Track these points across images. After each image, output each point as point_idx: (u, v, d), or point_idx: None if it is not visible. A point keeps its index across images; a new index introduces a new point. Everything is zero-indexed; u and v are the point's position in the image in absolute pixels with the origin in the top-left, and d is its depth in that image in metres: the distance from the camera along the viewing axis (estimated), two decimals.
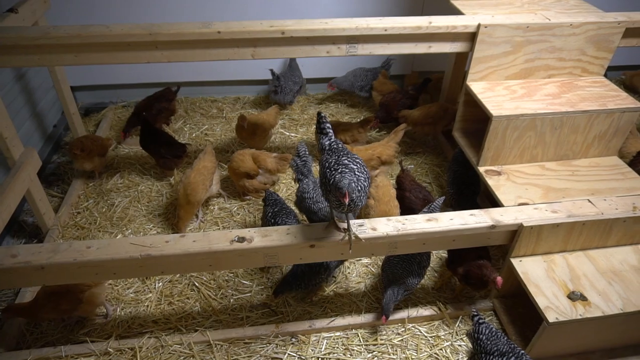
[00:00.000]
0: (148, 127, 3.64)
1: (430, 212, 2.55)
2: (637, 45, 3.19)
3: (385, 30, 2.84)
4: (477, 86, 3.05)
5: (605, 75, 3.24)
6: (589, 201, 2.57)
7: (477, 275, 2.55)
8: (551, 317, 2.24)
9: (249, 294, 2.87)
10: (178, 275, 2.97)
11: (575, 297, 2.34)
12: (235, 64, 4.13)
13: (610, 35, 3.03)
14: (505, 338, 2.18)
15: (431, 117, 3.85)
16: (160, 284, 2.92)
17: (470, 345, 2.61)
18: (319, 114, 2.31)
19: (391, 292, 2.54)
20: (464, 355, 2.56)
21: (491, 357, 2.08)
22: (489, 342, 2.13)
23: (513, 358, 2.04)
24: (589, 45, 3.05)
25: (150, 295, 2.85)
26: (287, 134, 4.31)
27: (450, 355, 2.56)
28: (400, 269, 2.57)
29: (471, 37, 2.96)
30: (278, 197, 3.02)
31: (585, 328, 2.32)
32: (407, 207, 3.04)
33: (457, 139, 3.32)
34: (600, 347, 2.52)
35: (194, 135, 4.26)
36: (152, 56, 2.80)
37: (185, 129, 4.33)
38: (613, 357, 2.49)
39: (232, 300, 2.84)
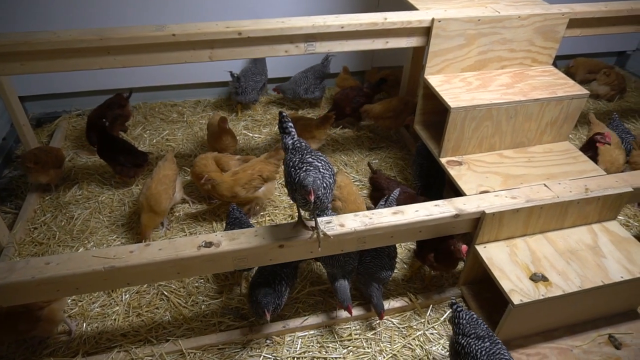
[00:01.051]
0: (106, 136, 3.52)
1: (388, 207, 2.61)
2: (580, 35, 3.35)
3: (342, 27, 2.86)
4: (435, 79, 3.12)
5: (554, 65, 3.38)
6: (545, 186, 2.68)
7: (445, 250, 2.62)
8: (516, 299, 2.32)
9: (220, 299, 2.84)
10: (145, 286, 2.89)
11: (537, 278, 2.44)
12: (194, 67, 4.05)
13: (556, 25, 3.16)
14: (485, 325, 2.23)
15: (392, 111, 3.91)
16: (127, 295, 2.84)
17: (445, 333, 2.68)
18: (280, 113, 2.30)
19: (376, 289, 2.58)
20: (437, 343, 2.62)
21: (468, 338, 2.14)
22: (468, 326, 2.19)
23: (488, 342, 2.09)
24: (537, 36, 3.18)
25: (117, 308, 2.77)
26: (251, 135, 4.28)
27: (423, 343, 2.61)
28: (374, 266, 2.59)
29: (426, 32, 3.02)
30: (240, 216, 2.87)
31: (547, 307, 2.42)
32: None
33: (419, 132, 3.39)
34: (563, 324, 2.63)
35: (154, 141, 4.16)
36: (105, 62, 2.71)
37: (145, 135, 4.22)
38: (574, 332, 2.61)
39: (203, 306, 2.80)
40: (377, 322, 2.71)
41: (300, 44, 2.89)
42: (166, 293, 2.85)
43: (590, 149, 3.28)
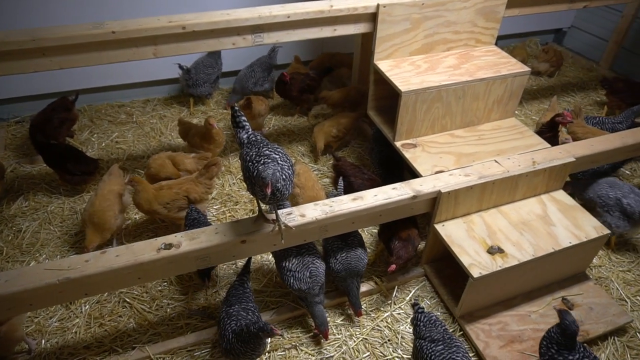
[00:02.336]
0: (51, 143, 3.35)
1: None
2: (519, 14, 3.47)
3: (289, 17, 2.83)
4: (384, 64, 3.16)
5: (496, 44, 3.49)
6: (496, 162, 2.78)
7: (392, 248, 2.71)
8: (475, 272, 2.42)
9: (185, 301, 2.78)
10: (106, 294, 2.80)
11: (493, 251, 2.54)
12: (140, 64, 3.91)
13: (496, 7, 3.26)
14: (443, 327, 2.26)
15: (351, 100, 3.93)
16: (87, 306, 2.74)
17: (412, 312, 2.75)
18: (232, 108, 2.27)
19: (355, 286, 2.58)
20: (404, 322, 2.69)
21: (423, 342, 2.20)
22: (424, 329, 2.24)
23: (441, 345, 2.14)
24: (479, 17, 3.27)
25: (78, 320, 2.67)
26: None
27: (391, 324, 2.67)
28: (355, 261, 2.57)
29: (372, 18, 3.05)
30: (198, 216, 2.80)
31: (505, 277, 2.53)
32: (356, 191, 3.08)
33: (373, 118, 3.43)
34: (520, 292, 2.76)
35: (103, 144, 4.00)
36: (40, 64, 2.57)
37: (93, 139, 4.05)
38: (531, 299, 2.75)
39: (168, 309, 2.74)
40: (357, 319, 2.70)
41: (247, 36, 2.84)
42: (128, 300, 2.77)
43: (551, 130, 3.40)
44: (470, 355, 2.52)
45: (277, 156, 2.03)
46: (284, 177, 1.97)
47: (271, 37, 2.90)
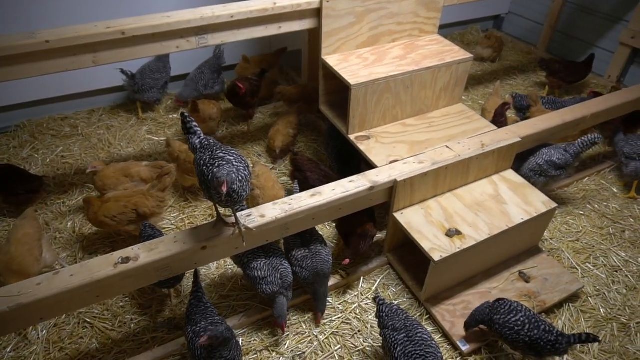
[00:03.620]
0: None
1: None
2: (458, 3, 3.58)
3: (232, 16, 2.79)
4: (332, 59, 3.17)
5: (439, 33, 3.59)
6: (447, 147, 2.86)
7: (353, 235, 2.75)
8: (436, 256, 2.48)
9: (150, 314, 2.71)
10: (64, 317, 2.67)
11: (452, 233, 2.62)
12: (81, 74, 3.75)
13: None
14: (405, 315, 2.28)
15: (307, 96, 3.91)
16: (45, 331, 2.61)
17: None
18: (182, 114, 2.22)
19: (320, 288, 2.57)
20: (371, 312, 2.72)
21: (387, 331, 2.24)
22: (387, 318, 2.27)
23: (404, 333, 2.18)
24: (420, 8, 3.34)
25: (35, 347, 2.53)
26: (156, 139, 4.07)
27: (360, 315, 2.71)
28: (321, 264, 2.54)
29: (317, 13, 3.05)
30: (153, 233, 2.66)
31: (465, 258, 2.61)
32: (312, 187, 3.08)
33: (325, 113, 3.44)
34: (480, 271, 2.86)
35: (48, 160, 3.81)
36: None
37: (37, 156, 3.84)
38: (490, 276, 2.86)
39: (132, 325, 2.65)
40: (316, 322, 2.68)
41: (191, 38, 2.78)
42: (88, 320, 2.66)
43: (501, 117, 3.53)
44: (437, 336, 2.59)
45: (232, 158, 2.00)
46: (240, 178, 1.95)
47: (216, 38, 2.85)
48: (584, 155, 3.99)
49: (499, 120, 3.46)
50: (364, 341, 2.57)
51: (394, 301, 2.78)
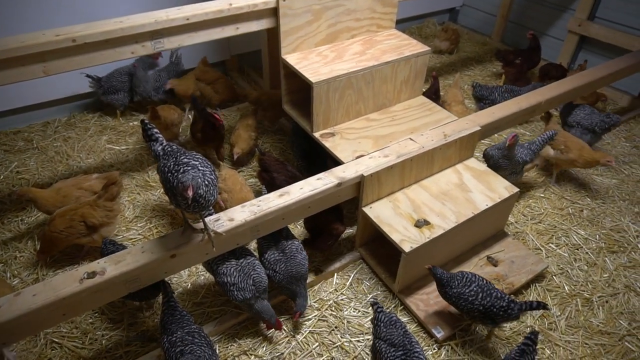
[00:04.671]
0: None
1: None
2: None
3: (188, 19, 2.74)
4: (292, 58, 3.17)
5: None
6: (411, 139, 2.91)
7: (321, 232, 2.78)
8: (406, 247, 2.52)
9: (122, 328, 2.63)
10: (29, 339, 2.57)
11: (420, 224, 2.67)
12: (33, 85, 3.60)
13: None
14: (403, 329, 2.22)
15: (272, 98, 3.84)
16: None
17: (354, 295, 2.81)
18: (142, 121, 2.16)
19: (302, 291, 2.54)
20: (347, 307, 2.74)
21: (383, 344, 2.19)
22: (385, 330, 2.21)
23: (401, 351, 2.10)
24: (376, 3, 3.38)
25: None
26: (118, 148, 3.96)
27: (336, 311, 2.72)
28: (296, 267, 2.51)
29: (274, 13, 3.04)
30: (115, 249, 2.55)
31: (435, 246, 2.67)
32: (278, 187, 3.05)
33: (288, 112, 3.43)
34: (450, 258, 2.93)
35: (2, 177, 3.64)
36: None
37: None
38: (460, 262, 2.93)
39: (104, 341, 2.58)
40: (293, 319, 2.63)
41: (146, 43, 2.71)
42: (57, 340, 2.56)
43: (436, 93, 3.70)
44: (413, 326, 2.64)
45: (197, 162, 1.97)
46: (206, 182, 1.92)
47: (172, 42, 2.79)
48: None
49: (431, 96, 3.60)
50: (341, 337, 2.59)
51: (368, 295, 2.80)
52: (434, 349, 2.53)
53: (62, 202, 2.92)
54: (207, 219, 2.26)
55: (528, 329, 2.62)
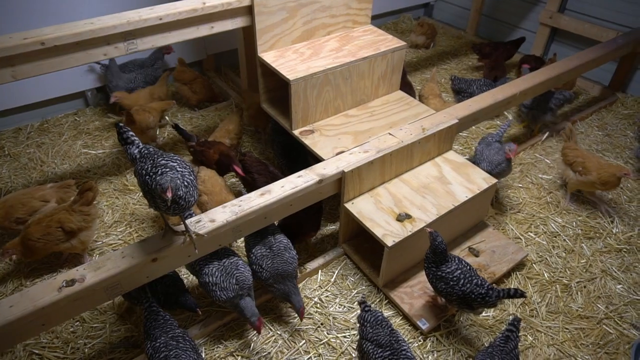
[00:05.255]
0: None
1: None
2: None
3: (161, 19, 2.70)
4: (269, 56, 3.15)
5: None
6: (390, 134, 2.93)
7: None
8: (389, 241, 2.54)
9: (104, 335, 2.59)
10: (9, 351, 2.50)
11: (402, 217, 2.69)
12: (2, 90, 3.50)
13: None
14: (390, 328, 2.20)
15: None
16: None
17: (338, 292, 2.81)
18: (116, 125, 2.12)
19: (293, 286, 2.50)
20: (332, 303, 2.75)
21: (370, 344, 2.17)
22: (371, 330, 2.19)
23: (389, 352, 2.08)
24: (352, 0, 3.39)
25: None
26: (94, 152, 3.88)
27: (321, 308, 2.72)
28: (283, 265, 2.48)
29: (249, 11, 3.01)
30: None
31: (417, 240, 2.69)
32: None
33: (267, 110, 3.41)
34: None
35: None
36: None
37: None
38: None
39: (86, 350, 2.53)
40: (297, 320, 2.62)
41: (119, 44, 2.66)
42: (37, 351, 2.50)
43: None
44: (398, 319, 2.66)
45: (175, 164, 1.95)
46: (185, 183, 1.90)
47: (145, 43, 2.74)
48: (518, 132, 4.22)
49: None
50: (327, 333, 2.59)
51: (353, 290, 2.82)
52: (420, 340, 2.56)
53: (7, 213, 2.84)
54: (188, 221, 2.24)
55: (510, 316, 2.67)
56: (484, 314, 2.68)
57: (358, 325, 2.29)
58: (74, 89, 4.21)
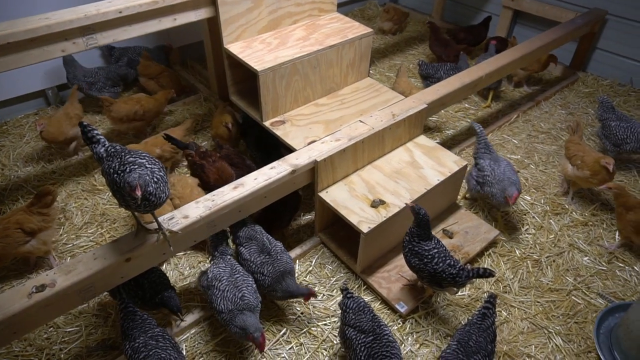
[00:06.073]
0: None
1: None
2: None
3: (120, 12, 2.62)
4: (235, 47, 3.10)
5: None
6: (361, 121, 2.94)
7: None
8: (364, 228, 2.56)
9: (81, 339, 2.53)
10: None
11: (376, 204, 2.71)
12: None
13: None
14: (372, 314, 2.21)
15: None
16: None
17: (317, 280, 2.83)
18: (80, 124, 2.06)
19: (290, 280, 2.46)
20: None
21: (353, 330, 2.18)
22: (353, 317, 2.20)
23: (372, 337, 2.10)
24: None
25: None
26: (58, 153, 3.75)
27: (303, 299, 2.73)
28: (283, 264, 2.46)
29: (212, 1, 2.96)
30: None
31: (392, 225, 2.72)
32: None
33: (236, 103, 3.37)
34: None
35: None
36: None
37: None
38: None
39: (62, 355, 2.47)
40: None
41: (77, 40, 2.57)
42: None
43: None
44: (377, 303, 2.70)
45: (144, 160, 1.91)
46: (155, 179, 1.87)
47: (106, 37, 2.66)
48: (488, 112, 4.30)
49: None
50: (308, 322, 2.61)
51: (331, 278, 2.84)
52: (399, 323, 2.60)
53: None
54: (160, 218, 2.20)
55: (485, 294, 2.74)
56: (459, 293, 2.75)
57: (340, 312, 2.30)
58: (33, 87, 4.05)
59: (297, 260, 2.93)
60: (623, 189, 2.93)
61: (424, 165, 2.97)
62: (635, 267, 2.93)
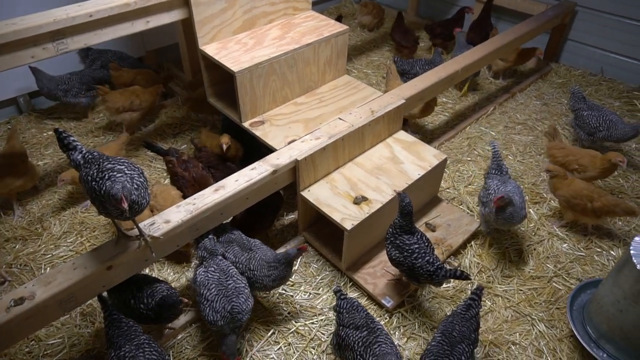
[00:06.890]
0: None
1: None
2: None
3: (91, 15, 2.56)
4: (211, 48, 3.07)
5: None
6: (340, 119, 2.94)
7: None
8: (348, 225, 2.57)
9: (64, 351, 2.48)
10: None
11: (358, 200, 2.72)
12: None
13: None
14: (365, 312, 2.24)
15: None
16: None
17: (303, 280, 2.83)
18: (56, 130, 2.01)
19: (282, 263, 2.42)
20: (298, 290, 2.76)
21: (347, 329, 2.19)
22: (347, 316, 2.22)
23: (366, 331, 2.14)
24: None
25: None
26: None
27: (287, 298, 2.73)
28: (267, 252, 2.47)
29: (185, 2, 2.92)
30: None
31: (375, 221, 2.74)
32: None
33: (214, 104, 3.34)
34: None
35: None
36: None
37: None
38: None
39: None
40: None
41: (47, 45, 2.51)
42: None
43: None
44: (363, 300, 2.71)
45: (123, 167, 1.88)
46: (136, 186, 1.84)
47: (77, 42, 2.60)
48: (465, 105, 4.35)
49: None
50: (295, 322, 2.60)
51: (317, 277, 2.84)
52: (386, 318, 2.62)
53: None
54: (141, 224, 2.17)
55: (469, 285, 2.78)
56: (444, 285, 2.78)
57: (335, 314, 2.28)
58: (3, 95, 3.94)
59: None
60: (561, 170, 3.00)
61: (404, 161, 2.99)
62: (612, 252, 3.01)
